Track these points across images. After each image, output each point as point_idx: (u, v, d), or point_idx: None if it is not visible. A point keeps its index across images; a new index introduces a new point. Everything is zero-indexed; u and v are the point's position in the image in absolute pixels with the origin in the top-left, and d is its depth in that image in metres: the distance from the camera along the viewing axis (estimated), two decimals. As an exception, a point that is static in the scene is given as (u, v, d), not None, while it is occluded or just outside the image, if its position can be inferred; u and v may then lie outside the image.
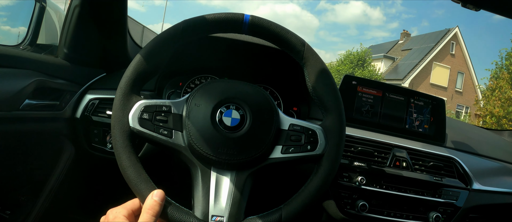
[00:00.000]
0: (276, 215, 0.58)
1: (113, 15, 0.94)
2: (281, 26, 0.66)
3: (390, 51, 24.91)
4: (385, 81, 19.12)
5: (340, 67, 21.77)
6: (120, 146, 0.56)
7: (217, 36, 0.93)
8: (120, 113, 0.57)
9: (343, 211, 0.92)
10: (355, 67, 21.02)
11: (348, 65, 21.26)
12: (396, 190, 0.94)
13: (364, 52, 21.69)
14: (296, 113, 1.07)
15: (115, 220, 0.52)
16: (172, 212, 0.54)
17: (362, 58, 21.31)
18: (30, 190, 0.88)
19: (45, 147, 0.88)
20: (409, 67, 21.10)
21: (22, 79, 0.78)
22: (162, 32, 0.63)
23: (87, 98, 0.92)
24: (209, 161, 0.58)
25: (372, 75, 20.27)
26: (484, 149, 1.15)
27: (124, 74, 0.60)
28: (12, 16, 1.28)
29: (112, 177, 0.98)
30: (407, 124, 1.06)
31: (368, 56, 21.66)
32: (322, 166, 0.62)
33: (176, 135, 0.59)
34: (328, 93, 0.64)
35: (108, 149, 0.91)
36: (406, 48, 23.79)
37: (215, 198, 0.57)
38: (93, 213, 0.71)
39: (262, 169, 0.61)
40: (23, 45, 1.08)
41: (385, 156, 0.96)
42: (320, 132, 0.63)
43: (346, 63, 21.58)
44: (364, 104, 1.04)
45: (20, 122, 0.78)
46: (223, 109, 0.60)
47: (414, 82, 20.14)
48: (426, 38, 22.57)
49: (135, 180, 0.54)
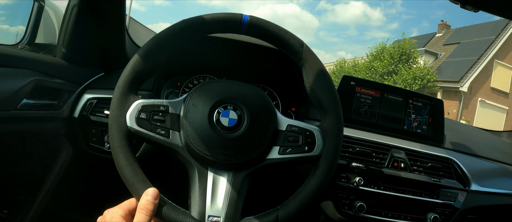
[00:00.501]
0: (273, 216, 0.58)
1: (112, 14, 0.94)
2: (280, 26, 0.66)
3: (427, 45, 19.94)
4: (440, 84, 15.88)
5: (376, 63, 17.10)
6: (117, 146, 0.56)
7: (216, 36, 0.93)
8: (118, 113, 0.57)
9: (341, 212, 0.92)
10: (399, 63, 16.31)
11: (388, 60, 16.47)
12: (394, 191, 0.94)
13: (407, 43, 16.44)
14: (294, 114, 1.07)
15: (112, 220, 0.52)
16: (168, 212, 0.54)
17: (407, 52, 16.24)
18: (27, 189, 0.88)
19: (43, 146, 0.87)
20: (463, 66, 16.26)
21: (20, 78, 0.78)
22: (161, 32, 0.63)
23: (85, 97, 0.92)
24: (206, 161, 0.58)
25: (425, 75, 15.46)
26: (483, 150, 1.15)
27: (122, 73, 0.60)
28: (11, 15, 1.28)
29: (109, 177, 0.98)
30: (405, 125, 1.06)
31: (414, 49, 16.55)
32: (319, 167, 0.62)
33: (174, 135, 0.59)
34: (326, 94, 0.64)
35: (106, 149, 0.91)
36: (450, 42, 18.91)
37: (212, 198, 0.57)
38: (90, 213, 0.71)
39: (259, 170, 0.61)
40: (21, 44, 1.08)
41: (383, 157, 0.96)
42: (317, 133, 0.63)
43: (383, 58, 16.75)
44: (363, 105, 1.04)
45: (17, 122, 0.78)
46: (221, 110, 0.60)
47: (473, 86, 15.74)
48: (478, 30, 17.39)
49: (132, 179, 0.54)
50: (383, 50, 17.14)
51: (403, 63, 16.28)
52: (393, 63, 16.40)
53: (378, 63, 17.03)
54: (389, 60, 16.49)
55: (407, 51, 16.24)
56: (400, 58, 16.34)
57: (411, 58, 16.38)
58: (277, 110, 0.65)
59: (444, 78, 16.42)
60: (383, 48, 17.26)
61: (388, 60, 16.53)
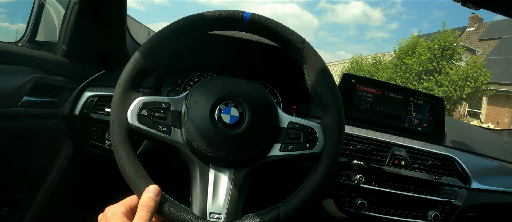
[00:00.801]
0: (274, 213, 0.58)
1: (112, 12, 0.94)
2: (281, 24, 0.66)
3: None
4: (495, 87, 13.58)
5: (408, 60, 13.78)
6: (118, 142, 0.56)
7: (217, 34, 0.93)
8: (119, 110, 0.57)
9: (342, 209, 0.92)
10: (442, 60, 13.16)
11: (427, 57, 13.21)
12: (395, 189, 0.94)
13: (449, 36, 13.19)
14: (295, 111, 1.07)
15: (113, 217, 0.52)
16: (169, 209, 0.54)
17: (451, 47, 13.13)
18: (28, 187, 0.88)
19: (43, 144, 0.87)
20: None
21: (21, 75, 0.78)
22: (162, 29, 0.62)
23: (86, 95, 0.92)
24: (208, 158, 0.58)
25: (478, 76, 12.35)
26: (483, 149, 1.15)
27: (123, 70, 0.59)
28: (11, 13, 1.28)
29: (110, 174, 0.98)
30: (406, 122, 1.06)
31: (457, 44, 13.38)
32: (320, 164, 0.62)
33: (175, 132, 0.59)
34: (327, 91, 0.64)
35: (107, 147, 0.91)
36: (486, 37, 16.74)
37: (213, 195, 0.57)
38: (91, 210, 0.71)
39: (261, 167, 0.61)
40: (22, 42, 1.07)
41: (384, 155, 0.96)
42: (319, 130, 0.63)
43: (419, 54, 13.41)
44: (363, 103, 1.04)
45: (18, 119, 0.77)
46: (222, 107, 0.60)
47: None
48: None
49: (133, 176, 0.54)
50: (416, 44, 13.92)
51: (447, 60, 13.21)
52: (435, 60, 13.22)
53: (413, 59, 13.66)
54: (429, 57, 13.20)
55: (451, 46, 13.12)
56: (442, 53, 13.17)
57: (455, 54, 13.29)
58: (278, 107, 0.65)
59: (498, 80, 14.05)
60: (415, 41, 14.08)
61: (428, 56, 13.19)
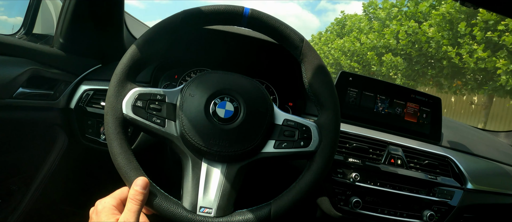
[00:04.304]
0: (265, 210, 0.58)
1: (110, 6, 0.94)
2: (281, 21, 0.65)
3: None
4: None
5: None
6: (112, 133, 0.55)
7: (215, 29, 0.92)
8: (114, 100, 0.57)
9: (337, 207, 0.91)
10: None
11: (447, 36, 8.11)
12: (390, 188, 0.94)
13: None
14: (292, 109, 1.07)
15: (103, 210, 0.51)
16: (160, 202, 0.54)
17: None
18: (21, 179, 0.88)
19: (38, 136, 0.87)
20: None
21: (17, 67, 0.77)
22: (161, 21, 0.62)
23: (82, 88, 0.92)
24: (201, 152, 0.58)
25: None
26: (480, 149, 1.15)
27: (120, 61, 0.59)
28: (9, 6, 1.28)
29: (104, 168, 0.98)
30: (403, 122, 1.06)
31: None
32: (314, 163, 0.61)
33: (169, 124, 0.58)
34: (324, 89, 0.64)
35: (102, 140, 0.91)
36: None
37: (204, 189, 0.57)
38: (84, 203, 0.70)
39: (254, 163, 0.61)
40: (19, 34, 1.07)
41: (380, 153, 0.96)
42: (314, 129, 0.62)
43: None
44: (360, 101, 1.03)
45: (13, 110, 0.77)
46: (217, 101, 0.60)
47: None
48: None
49: (125, 167, 0.54)
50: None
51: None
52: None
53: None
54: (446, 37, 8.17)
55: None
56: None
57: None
58: (274, 104, 0.65)
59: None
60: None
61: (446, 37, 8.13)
